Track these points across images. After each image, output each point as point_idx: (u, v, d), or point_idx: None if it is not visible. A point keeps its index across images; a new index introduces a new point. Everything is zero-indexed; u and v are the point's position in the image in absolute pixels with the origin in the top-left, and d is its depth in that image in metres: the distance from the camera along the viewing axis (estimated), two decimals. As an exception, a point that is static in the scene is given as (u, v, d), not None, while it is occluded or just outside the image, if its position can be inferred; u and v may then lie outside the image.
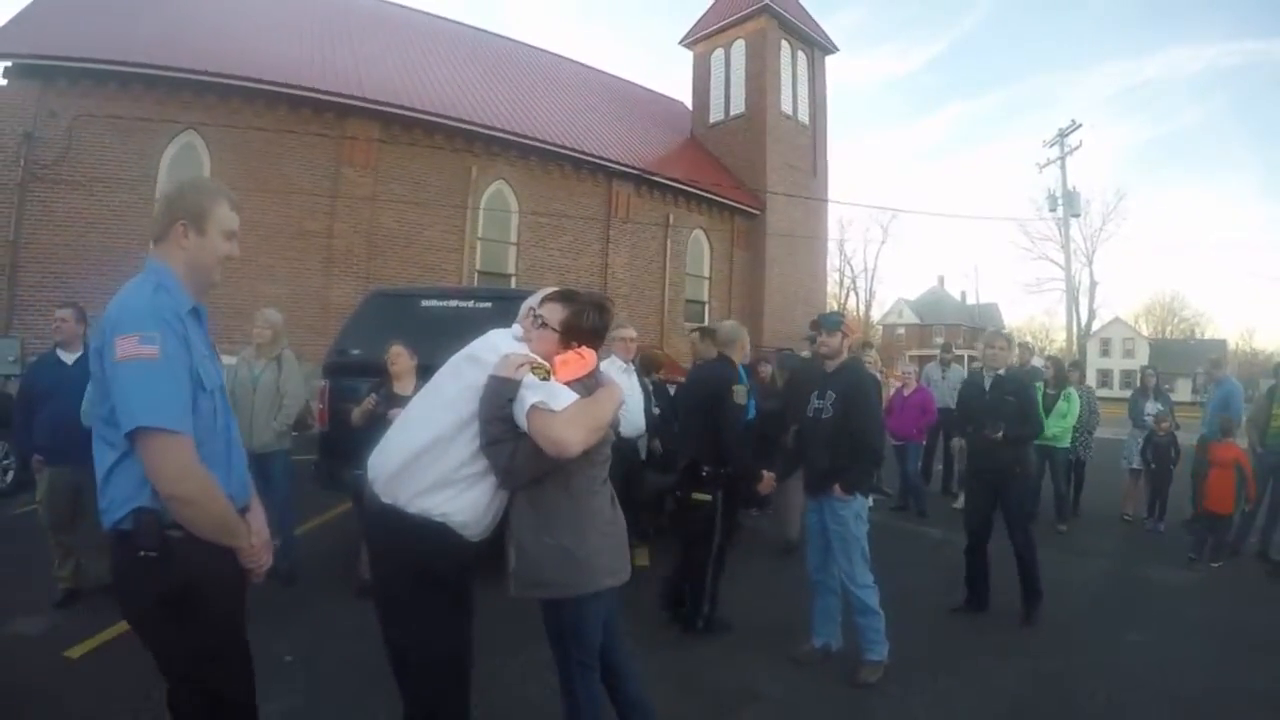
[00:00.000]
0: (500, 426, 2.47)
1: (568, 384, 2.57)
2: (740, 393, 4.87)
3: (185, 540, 2.01)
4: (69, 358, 5.39)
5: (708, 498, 4.89)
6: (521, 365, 2.47)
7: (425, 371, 5.63)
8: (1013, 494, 5.56)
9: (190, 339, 2.09)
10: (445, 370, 2.75)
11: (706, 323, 21.80)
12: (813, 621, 4.69)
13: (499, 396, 2.45)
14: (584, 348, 2.71)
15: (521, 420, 2.43)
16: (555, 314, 2.69)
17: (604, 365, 2.89)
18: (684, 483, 5.08)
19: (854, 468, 4.41)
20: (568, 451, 2.39)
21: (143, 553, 1.98)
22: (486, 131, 17.61)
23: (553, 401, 2.43)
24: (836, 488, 4.37)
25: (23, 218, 13.06)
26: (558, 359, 2.63)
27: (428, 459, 2.54)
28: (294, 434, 6.08)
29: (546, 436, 2.38)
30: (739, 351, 5.14)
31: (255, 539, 2.22)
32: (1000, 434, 5.35)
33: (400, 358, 5.52)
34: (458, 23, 25.21)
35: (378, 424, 5.21)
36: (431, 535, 2.50)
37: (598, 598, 2.75)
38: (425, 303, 6.55)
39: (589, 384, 2.66)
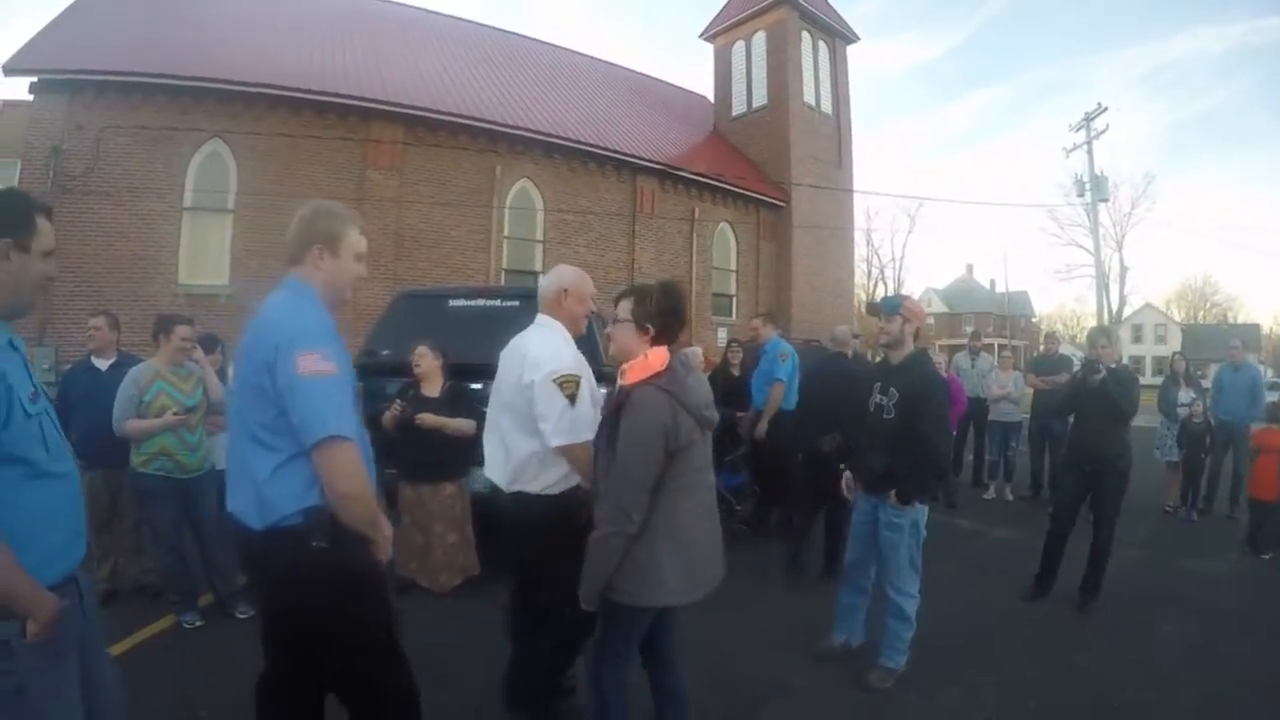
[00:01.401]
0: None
1: (643, 382, 2.67)
2: None
3: (343, 531, 2.22)
4: (103, 364, 5.46)
5: None
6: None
7: (455, 371, 5.67)
8: (1110, 488, 5.55)
9: None
10: (511, 385, 3.29)
11: (734, 317, 21.86)
12: (836, 616, 4.59)
13: None
14: (651, 350, 2.75)
15: None
16: (626, 307, 2.81)
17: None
18: (835, 457, 5.47)
19: (911, 478, 4.13)
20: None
21: (315, 544, 2.18)
22: (510, 130, 17.61)
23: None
24: (892, 495, 4.14)
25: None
26: (626, 366, 2.77)
27: (535, 461, 3.21)
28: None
29: None
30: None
31: (387, 531, 2.45)
32: (1101, 376, 5.45)
33: (424, 358, 5.53)
34: (478, 23, 25.28)
35: (407, 428, 5.25)
36: (562, 501, 3.19)
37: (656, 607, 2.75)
38: (453, 302, 6.57)
39: (663, 383, 2.66)
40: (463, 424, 5.38)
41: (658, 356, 2.73)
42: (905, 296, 4.52)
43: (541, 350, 3.22)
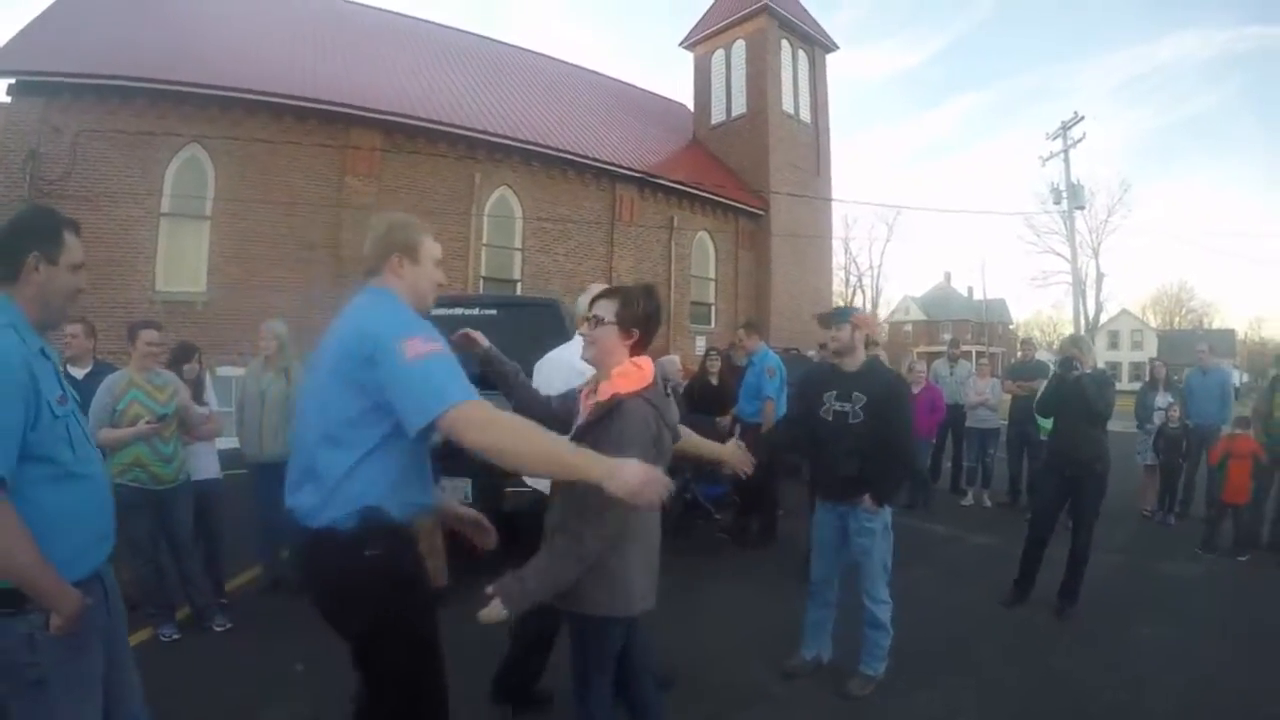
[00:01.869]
0: None
1: (634, 394, 2.58)
2: None
3: (398, 534, 2.26)
4: (79, 373, 5.37)
5: None
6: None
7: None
8: (1089, 492, 5.60)
9: None
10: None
11: (712, 325, 21.92)
12: (804, 632, 4.54)
13: None
14: (640, 359, 2.69)
15: None
16: (608, 309, 2.73)
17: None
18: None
19: (887, 479, 4.19)
20: None
21: (368, 552, 2.17)
22: (489, 138, 17.62)
23: None
24: (867, 499, 4.14)
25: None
26: (616, 372, 2.64)
27: None
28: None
29: None
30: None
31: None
32: (1079, 373, 5.53)
33: None
34: (458, 30, 25.23)
35: None
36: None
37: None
38: (431, 310, 6.54)
39: (651, 395, 2.63)
40: None
41: (649, 366, 2.68)
42: (854, 308, 4.59)
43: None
